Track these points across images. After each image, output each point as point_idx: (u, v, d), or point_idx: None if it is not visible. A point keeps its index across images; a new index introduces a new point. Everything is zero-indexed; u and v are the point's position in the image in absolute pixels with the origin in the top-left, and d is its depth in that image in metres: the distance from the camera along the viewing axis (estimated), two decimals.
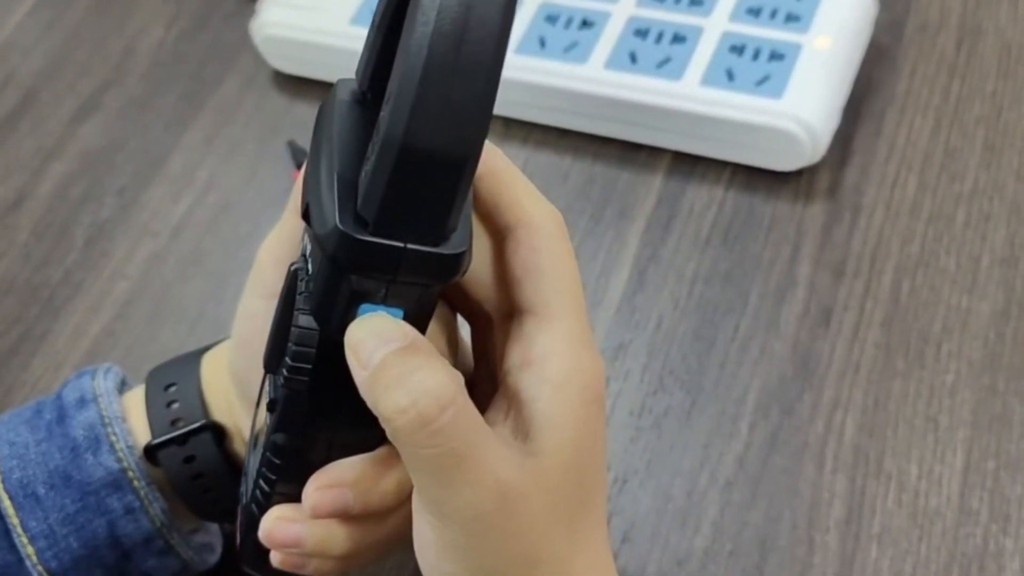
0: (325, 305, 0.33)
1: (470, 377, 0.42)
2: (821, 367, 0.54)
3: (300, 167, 0.64)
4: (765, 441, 0.53)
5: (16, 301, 0.63)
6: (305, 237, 0.35)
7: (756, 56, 0.60)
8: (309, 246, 0.34)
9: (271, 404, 0.37)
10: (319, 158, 0.33)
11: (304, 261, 0.35)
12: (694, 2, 0.62)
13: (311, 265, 0.34)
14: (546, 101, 0.63)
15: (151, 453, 0.45)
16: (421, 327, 0.34)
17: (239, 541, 0.43)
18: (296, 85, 0.69)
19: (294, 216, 0.39)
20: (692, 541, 0.51)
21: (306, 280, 0.34)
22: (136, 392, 0.47)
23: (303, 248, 0.35)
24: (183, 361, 0.47)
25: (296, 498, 0.38)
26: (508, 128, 0.65)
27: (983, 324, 0.54)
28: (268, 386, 0.38)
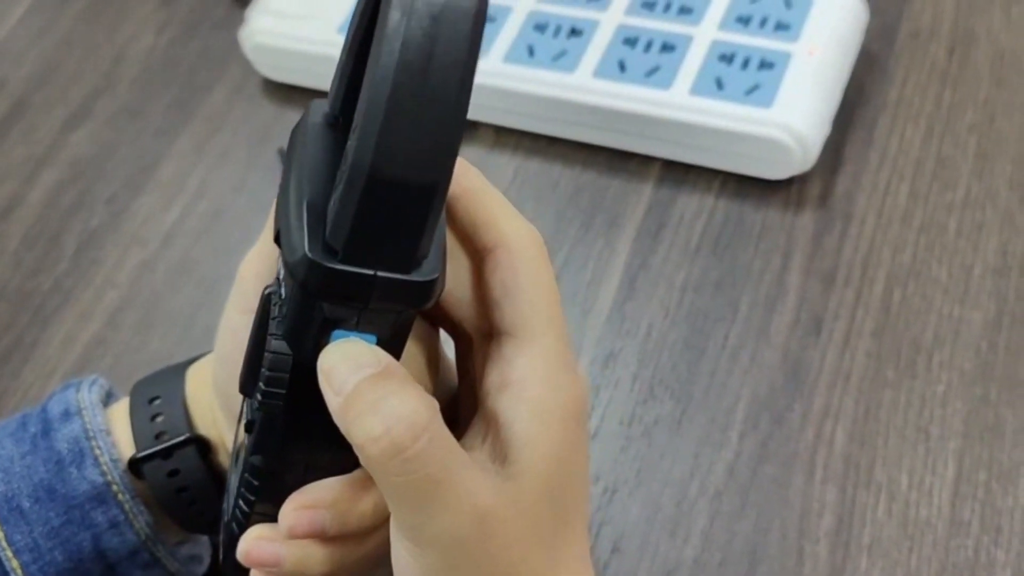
0: (297, 331, 0.33)
1: (454, 395, 0.41)
2: (811, 376, 0.53)
3: None
4: (755, 450, 0.52)
5: (7, 309, 0.62)
6: (279, 261, 0.34)
7: (746, 65, 0.59)
8: (282, 270, 0.33)
9: (248, 425, 0.36)
10: (290, 183, 0.32)
11: (278, 284, 0.34)
12: (683, 10, 0.61)
13: (284, 290, 0.33)
14: (535, 110, 0.61)
15: (135, 466, 0.44)
16: (396, 352, 0.33)
17: (221, 557, 0.42)
18: (286, 93, 0.68)
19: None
20: (682, 551, 0.50)
21: (279, 304, 0.33)
22: (121, 405, 0.46)
23: (278, 271, 0.34)
24: (168, 374, 0.46)
25: (276, 517, 0.37)
26: (498, 136, 0.64)
27: (975, 334, 0.53)
28: (246, 406, 0.37)
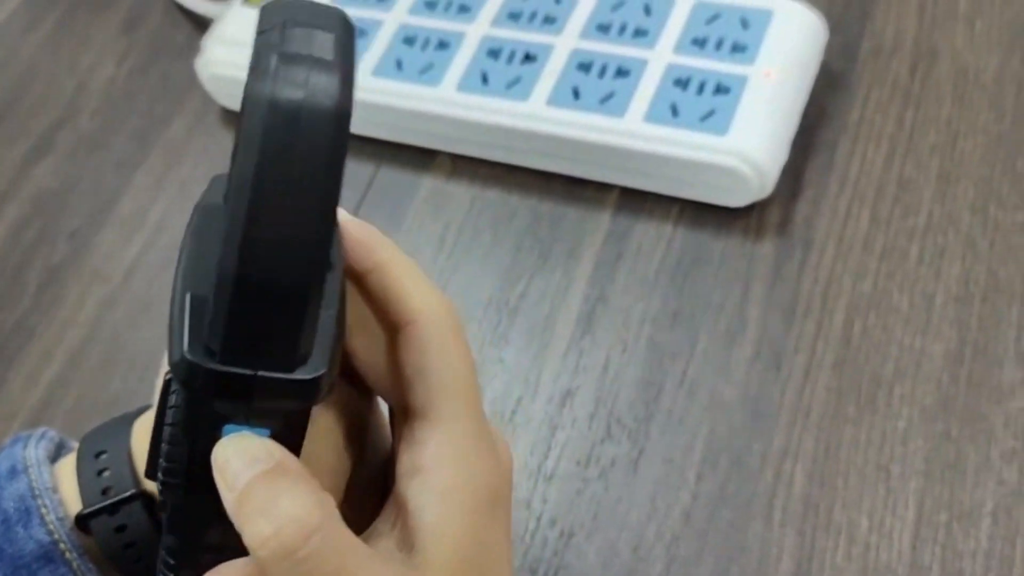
0: (189, 424, 0.31)
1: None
2: (771, 413, 0.51)
3: None
4: (713, 493, 0.50)
5: None
6: None
7: (701, 90, 0.56)
8: None
9: (161, 504, 0.35)
10: (178, 270, 0.30)
11: None
12: (639, 33, 0.59)
13: None
14: (490, 139, 0.59)
15: (83, 523, 0.43)
16: (293, 443, 0.32)
17: None
18: None
19: None
20: None
21: (176, 392, 0.32)
22: (69, 459, 0.45)
23: None
24: (115, 426, 0.45)
25: None
26: (455, 165, 0.62)
27: (936, 366, 0.51)
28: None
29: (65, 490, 0.44)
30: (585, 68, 0.58)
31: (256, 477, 0.30)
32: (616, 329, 0.55)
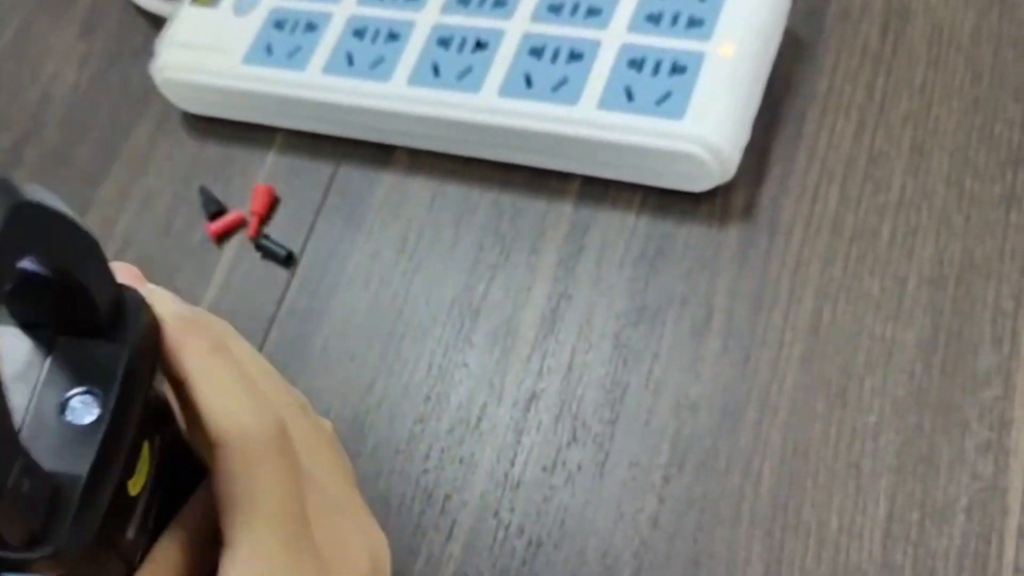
0: None
1: None
2: (738, 411, 0.50)
3: (211, 216, 0.61)
4: (680, 495, 0.49)
5: None
6: None
7: (656, 70, 0.54)
8: None
9: None
10: None
11: None
12: (592, 12, 0.57)
13: None
14: (444, 133, 0.58)
15: None
16: None
17: None
18: (206, 125, 0.65)
19: None
20: None
21: None
22: None
23: None
24: None
25: None
26: (414, 160, 0.60)
27: (909, 356, 0.49)
28: None
29: None
30: (537, 53, 0.57)
31: None
32: (580, 328, 0.54)
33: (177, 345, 0.35)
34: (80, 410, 0.32)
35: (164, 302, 0.36)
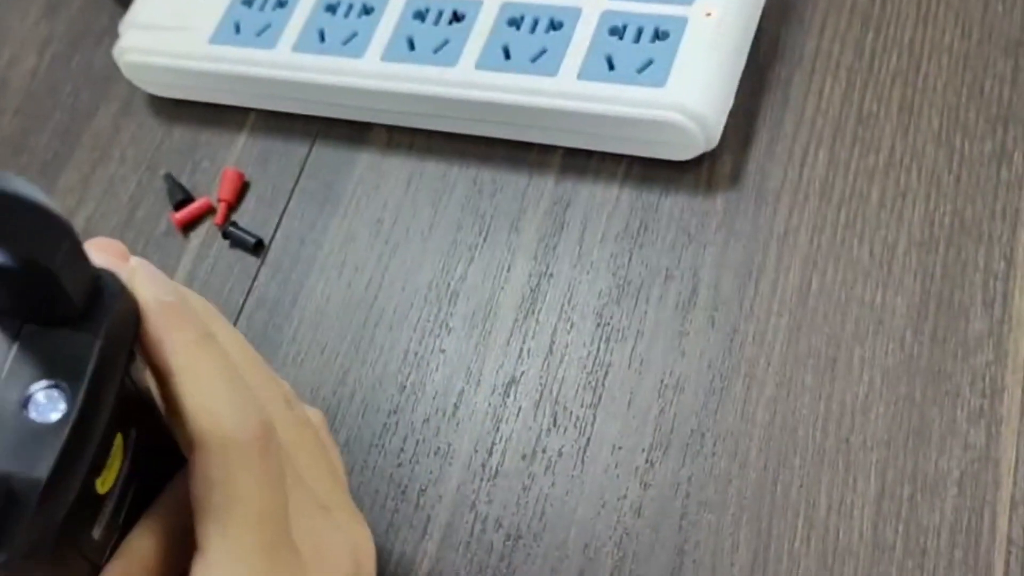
0: None
1: None
2: (723, 388, 0.52)
3: (176, 205, 0.63)
4: (665, 480, 0.51)
5: None
6: None
7: (638, 38, 0.56)
8: None
9: None
10: None
11: None
12: None
13: None
14: (421, 109, 0.60)
15: None
16: None
17: None
18: (172, 108, 0.67)
19: None
20: None
21: None
22: None
23: None
24: None
25: None
26: (392, 137, 0.63)
27: (899, 323, 0.51)
28: None
29: None
30: (516, 24, 0.59)
31: None
32: (561, 307, 0.56)
33: (161, 335, 0.35)
34: (45, 406, 0.32)
35: (146, 284, 0.35)
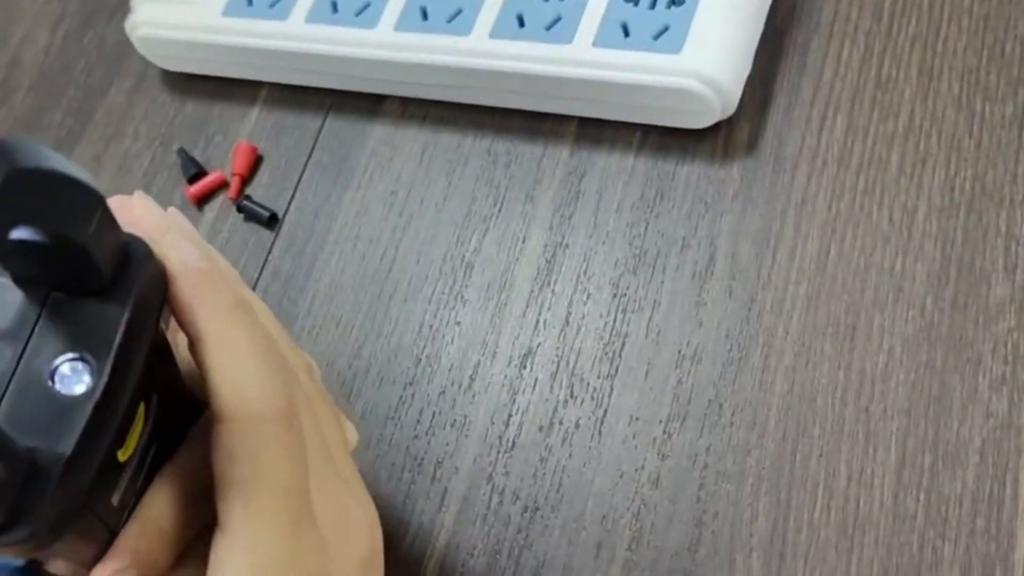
0: None
1: None
2: (741, 358, 0.53)
3: (190, 179, 0.65)
4: (682, 451, 0.52)
5: None
6: None
7: (654, 4, 0.57)
8: None
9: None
10: None
11: None
12: None
13: None
14: (436, 79, 0.62)
15: None
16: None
17: None
18: (185, 83, 0.69)
19: None
20: (607, 573, 0.51)
21: None
22: None
23: None
24: None
25: None
26: (405, 108, 0.64)
27: (919, 290, 0.52)
28: None
29: None
30: None
31: None
32: (577, 278, 0.57)
33: (193, 301, 0.36)
34: (70, 378, 0.33)
35: (179, 250, 0.36)
